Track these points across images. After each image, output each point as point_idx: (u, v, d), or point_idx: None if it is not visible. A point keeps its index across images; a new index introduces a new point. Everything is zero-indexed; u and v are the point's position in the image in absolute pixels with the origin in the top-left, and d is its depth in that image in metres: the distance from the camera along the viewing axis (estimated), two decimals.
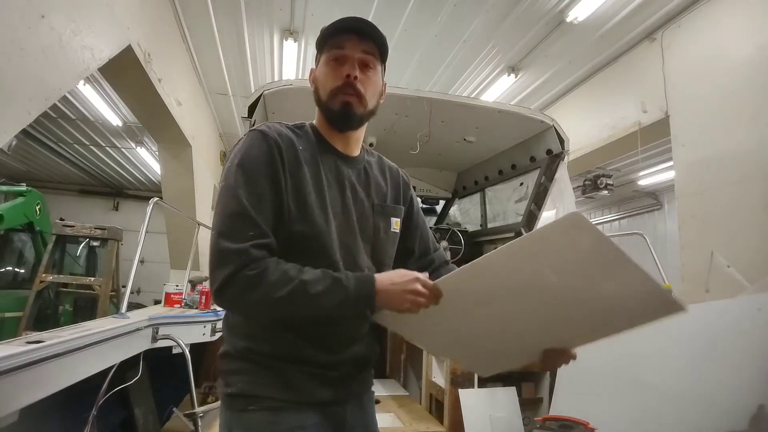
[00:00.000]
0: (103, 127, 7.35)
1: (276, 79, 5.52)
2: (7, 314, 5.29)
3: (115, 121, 6.84)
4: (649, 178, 7.95)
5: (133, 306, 2.84)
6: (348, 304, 0.88)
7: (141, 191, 11.44)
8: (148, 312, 2.52)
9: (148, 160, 8.92)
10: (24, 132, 6.79)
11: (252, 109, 2.64)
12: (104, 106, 6.29)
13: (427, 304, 0.87)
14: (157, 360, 2.33)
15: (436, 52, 4.98)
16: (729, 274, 2.72)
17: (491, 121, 3.10)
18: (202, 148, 6.35)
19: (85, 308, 5.69)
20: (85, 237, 5.92)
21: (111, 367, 1.82)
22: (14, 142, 7.10)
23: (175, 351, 2.26)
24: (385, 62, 1.07)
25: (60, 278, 5.39)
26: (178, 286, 3.05)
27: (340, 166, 1.05)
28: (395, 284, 0.88)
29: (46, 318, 5.34)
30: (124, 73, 3.75)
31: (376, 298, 0.88)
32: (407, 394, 3.25)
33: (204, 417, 2.31)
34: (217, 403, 2.64)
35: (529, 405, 2.74)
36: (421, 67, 5.25)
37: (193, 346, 2.35)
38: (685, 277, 3.74)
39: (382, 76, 1.07)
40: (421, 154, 3.28)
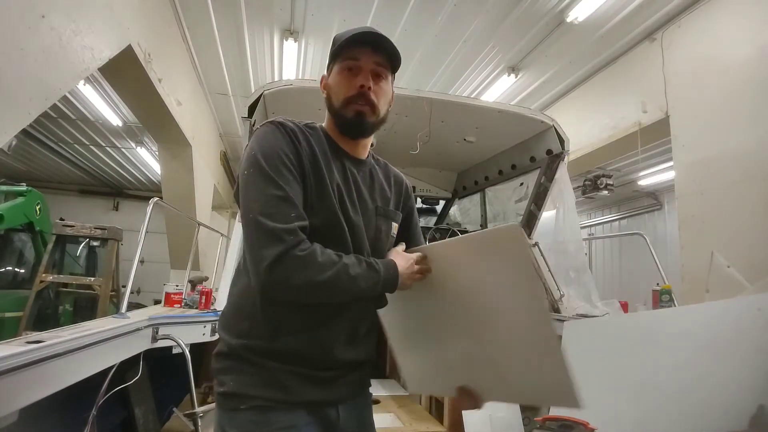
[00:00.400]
0: (103, 127, 7.36)
1: (276, 79, 5.52)
2: (7, 314, 5.29)
3: (115, 121, 6.84)
4: (649, 178, 7.95)
5: (133, 306, 2.83)
6: (378, 287, 0.96)
7: (141, 191, 11.45)
8: (148, 312, 2.51)
9: (148, 160, 8.92)
10: (24, 132, 6.79)
11: (252, 109, 2.64)
12: (104, 106, 6.30)
13: (423, 276, 1.04)
14: (157, 360, 2.33)
15: (436, 52, 4.98)
16: (729, 274, 2.72)
17: (491, 121, 3.10)
18: (202, 148, 6.35)
19: (85, 308, 5.69)
20: (85, 237, 5.92)
21: (111, 367, 1.82)
22: (14, 142, 7.10)
23: (175, 351, 2.26)
24: (396, 72, 1.12)
25: (60, 278, 5.39)
26: (178, 286, 3.05)
27: (348, 167, 1.07)
28: (406, 268, 1.00)
29: (46, 318, 5.34)
30: (124, 73, 3.75)
31: (399, 281, 0.98)
32: (407, 394, 3.25)
33: (204, 417, 2.30)
34: None
35: (529, 405, 2.74)
36: (421, 67, 5.25)
37: (193, 346, 2.35)
38: (685, 277, 3.74)
39: (392, 85, 1.11)
40: (421, 154, 3.28)
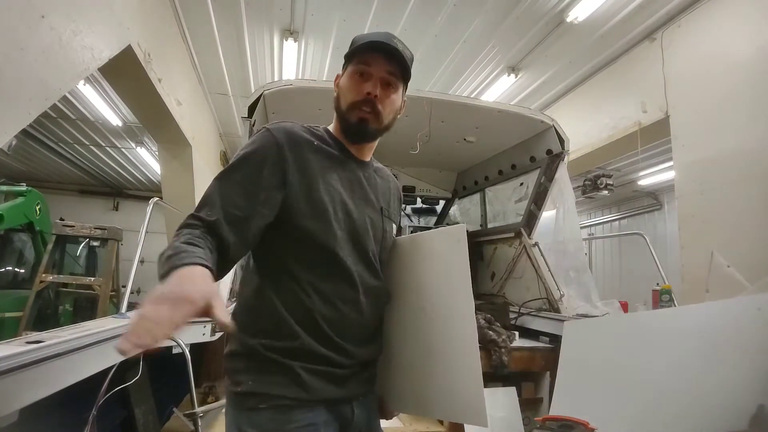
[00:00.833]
0: (103, 127, 7.35)
1: (276, 79, 5.52)
2: (7, 314, 5.30)
3: (115, 121, 6.84)
4: (649, 178, 7.95)
5: (133, 306, 2.83)
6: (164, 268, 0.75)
7: (141, 191, 11.44)
8: None
9: (148, 160, 8.92)
10: (24, 132, 6.79)
11: (252, 109, 2.64)
12: (104, 106, 6.29)
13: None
14: (157, 360, 2.33)
15: (436, 53, 4.98)
16: (729, 274, 2.72)
17: (491, 121, 3.10)
18: (202, 148, 6.35)
19: (85, 308, 5.71)
20: (85, 237, 5.93)
21: (111, 367, 1.82)
22: (14, 142, 7.10)
23: (175, 351, 2.26)
24: (408, 82, 1.11)
25: (60, 278, 5.41)
26: None
27: (353, 169, 1.09)
28: (166, 291, 0.67)
29: (46, 318, 5.35)
30: (124, 73, 3.74)
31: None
32: None
33: (204, 417, 2.30)
34: (217, 403, 2.65)
35: (529, 405, 2.74)
36: (421, 67, 5.24)
37: (193, 346, 2.35)
38: (685, 277, 3.74)
39: (402, 95, 1.11)
40: (421, 154, 3.28)
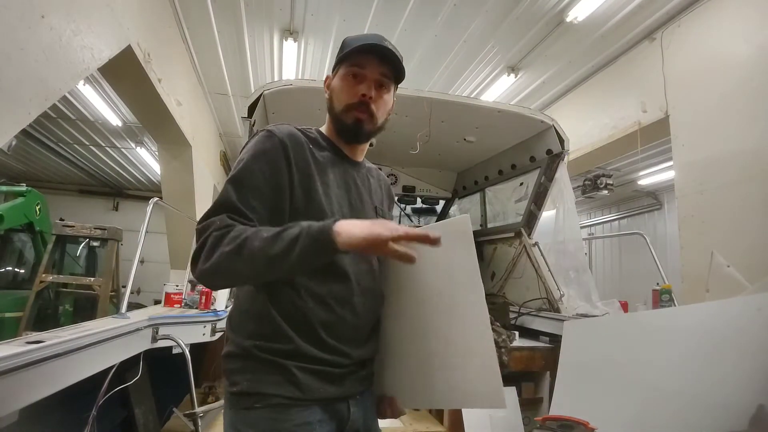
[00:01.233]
0: (103, 127, 7.35)
1: (276, 79, 5.52)
2: (7, 314, 5.29)
3: (115, 121, 6.84)
4: (649, 178, 7.94)
5: (133, 306, 2.83)
6: (304, 242, 0.83)
7: (141, 191, 11.44)
8: (148, 312, 2.51)
9: (148, 160, 8.92)
10: (24, 132, 6.79)
11: (252, 109, 2.64)
12: (104, 106, 6.29)
13: (390, 239, 0.81)
14: (157, 360, 2.33)
15: (436, 52, 4.98)
16: (729, 274, 2.72)
17: (491, 121, 3.10)
18: (202, 148, 6.35)
19: (85, 308, 5.70)
20: (85, 237, 5.92)
21: (111, 367, 1.82)
22: (14, 142, 7.10)
23: (175, 351, 2.26)
24: (399, 83, 1.14)
25: (60, 278, 5.39)
26: (178, 286, 3.05)
27: (347, 169, 1.11)
28: (360, 223, 0.85)
29: (46, 318, 5.34)
30: (124, 73, 3.74)
31: (335, 230, 0.82)
32: None
33: (204, 417, 2.31)
34: (217, 403, 2.65)
35: (529, 405, 2.74)
36: (421, 67, 5.24)
37: (193, 346, 2.35)
38: (685, 277, 3.74)
39: (393, 95, 1.13)
40: (421, 154, 3.28)
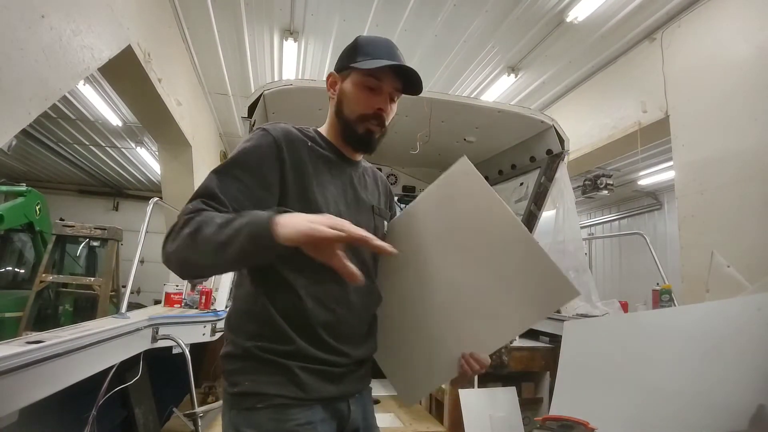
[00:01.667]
0: (103, 127, 7.35)
1: (276, 79, 5.52)
2: (7, 314, 5.29)
3: (115, 121, 6.84)
4: (649, 178, 7.94)
5: (133, 306, 2.83)
6: (246, 232, 0.80)
7: (141, 191, 11.44)
8: (148, 312, 2.52)
9: (148, 160, 8.92)
10: (24, 132, 6.79)
11: (252, 109, 2.64)
12: (104, 106, 6.29)
13: (331, 235, 0.79)
14: (157, 360, 2.33)
15: (436, 52, 4.98)
16: (729, 274, 2.72)
17: (491, 121, 3.10)
18: (202, 148, 6.35)
19: (85, 308, 5.70)
20: (85, 237, 5.92)
21: (111, 367, 1.82)
22: (14, 142, 7.10)
23: (175, 351, 2.26)
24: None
25: (60, 278, 5.39)
26: (178, 286, 3.05)
27: (344, 169, 1.11)
28: (305, 216, 0.82)
29: (46, 318, 5.34)
30: (124, 73, 3.75)
31: (275, 221, 0.79)
32: None
33: (204, 417, 2.31)
34: (217, 403, 2.65)
35: (529, 405, 2.74)
36: (421, 67, 5.20)
37: (193, 346, 2.35)
38: (685, 277, 3.74)
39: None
40: (421, 154, 3.28)
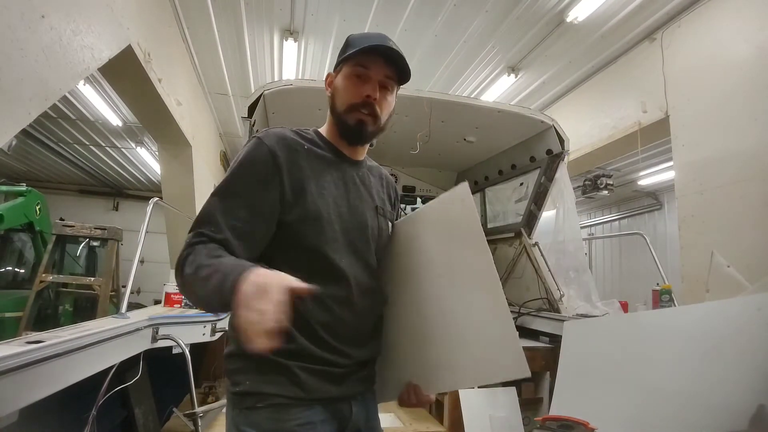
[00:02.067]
0: (103, 127, 7.35)
1: (276, 79, 5.52)
2: (7, 314, 5.29)
3: (115, 121, 6.84)
4: (649, 178, 7.94)
5: (133, 306, 2.84)
6: (216, 296, 0.79)
7: (141, 191, 11.44)
8: (148, 312, 2.52)
9: (148, 160, 8.92)
10: (24, 132, 6.79)
11: (252, 109, 2.64)
12: (104, 106, 6.29)
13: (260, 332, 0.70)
14: (157, 360, 2.33)
15: (436, 52, 4.98)
16: (729, 274, 2.72)
17: (491, 121, 3.10)
18: (202, 148, 6.35)
19: (85, 308, 5.70)
20: (85, 237, 5.92)
21: (111, 367, 1.82)
22: (14, 142, 7.10)
23: (175, 351, 2.26)
24: (402, 85, 1.12)
25: (60, 278, 5.39)
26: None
27: (346, 169, 1.09)
28: (249, 294, 0.73)
29: (46, 318, 5.34)
30: (124, 73, 3.74)
31: (233, 297, 0.74)
32: None
33: (204, 417, 2.31)
34: (217, 403, 2.65)
35: (529, 405, 2.74)
36: (421, 67, 5.24)
37: (193, 346, 2.35)
38: (685, 277, 3.74)
39: (395, 97, 1.12)
40: (421, 154, 3.28)
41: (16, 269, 6.61)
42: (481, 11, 4.24)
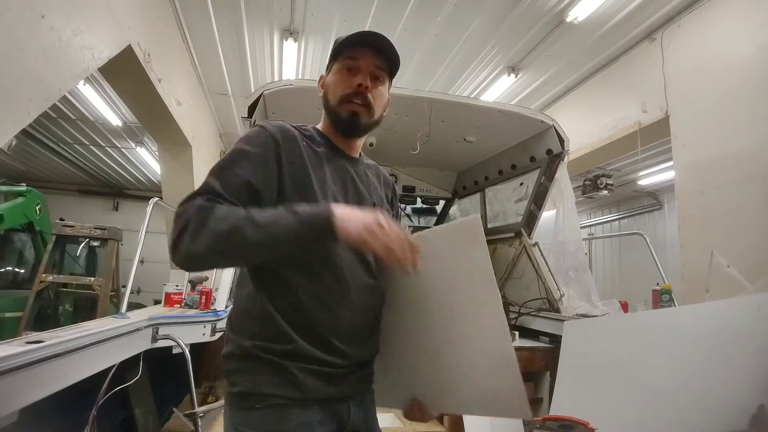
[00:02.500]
0: (103, 127, 7.36)
1: (276, 79, 5.52)
2: (7, 314, 5.29)
3: (115, 121, 6.84)
4: (649, 178, 7.95)
5: (133, 306, 2.83)
6: (302, 228, 0.85)
7: (141, 191, 11.45)
8: (148, 312, 2.51)
9: (148, 160, 8.92)
10: (24, 132, 6.79)
11: (252, 109, 2.64)
12: (104, 106, 6.30)
13: (386, 243, 0.85)
14: (157, 360, 2.33)
15: (436, 52, 4.98)
16: (729, 274, 2.72)
17: (491, 121, 3.10)
18: (202, 148, 6.35)
19: (85, 308, 5.70)
20: (85, 237, 5.91)
21: (111, 367, 1.82)
22: (14, 142, 7.11)
23: (175, 351, 2.26)
24: (394, 77, 1.13)
25: (60, 278, 5.39)
26: (178, 286, 3.05)
27: (344, 165, 1.09)
28: (355, 213, 0.87)
29: (46, 318, 5.34)
30: (124, 73, 3.75)
31: (335, 219, 0.85)
32: None
33: (204, 417, 2.30)
34: (217, 403, 2.65)
35: (530, 405, 2.73)
36: (421, 67, 5.25)
37: (193, 346, 2.35)
38: (685, 277, 3.74)
39: (388, 89, 1.13)
40: (421, 154, 3.28)
41: (16, 269, 6.61)
42: (481, 11, 4.24)
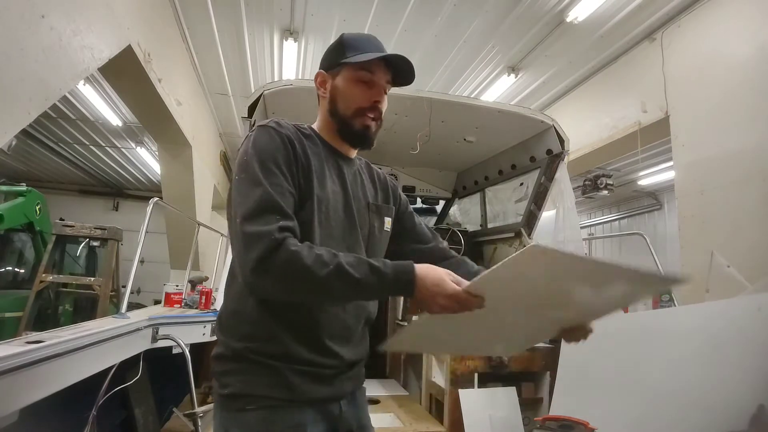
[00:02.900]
0: (103, 127, 7.36)
1: (276, 79, 5.52)
2: (7, 314, 5.29)
3: (115, 121, 6.84)
4: (649, 178, 7.95)
5: (133, 306, 2.84)
6: (384, 291, 0.88)
7: (141, 191, 11.45)
8: (148, 312, 2.52)
9: (148, 160, 8.92)
10: (24, 132, 6.79)
11: (252, 109, 2.64)
12: (104, 106, 6.30)
13: (461, 310, 0.83)
14: (157, 360, 2.33)
15: (436, 53, 4.99)
16: (729, 274, 2.72)
17: (491, 121, 3.10)
18: (202, 148, 6.35)
19: (85, 308, 5.70)
20: (85, 237, 5.91)
21: (111, 367, 1.82)
22: (14, 142, 7.10)
23: (175, 351, 2.26)
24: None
25: (60, 278, 5.39)
26: (178, 286, 3.05)
27: (341, 166, 1.10)
28: (434, 285, 0.85)
29: (46, 318, 5.34)
30: (124, 73, 3.75)
31: (415, 286, 0.86)
32: (407, 394, 3.25)
33: (204, 417, 2.31)
34: None
35: (529, 405, 2.73)
36: (421, 67, 5.21)
37: (193, 346, 2.35)
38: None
39: None
40: (421, 154, 3.28)
41: (16, 269, 6.61)
42: (481, 11, 4.24)
